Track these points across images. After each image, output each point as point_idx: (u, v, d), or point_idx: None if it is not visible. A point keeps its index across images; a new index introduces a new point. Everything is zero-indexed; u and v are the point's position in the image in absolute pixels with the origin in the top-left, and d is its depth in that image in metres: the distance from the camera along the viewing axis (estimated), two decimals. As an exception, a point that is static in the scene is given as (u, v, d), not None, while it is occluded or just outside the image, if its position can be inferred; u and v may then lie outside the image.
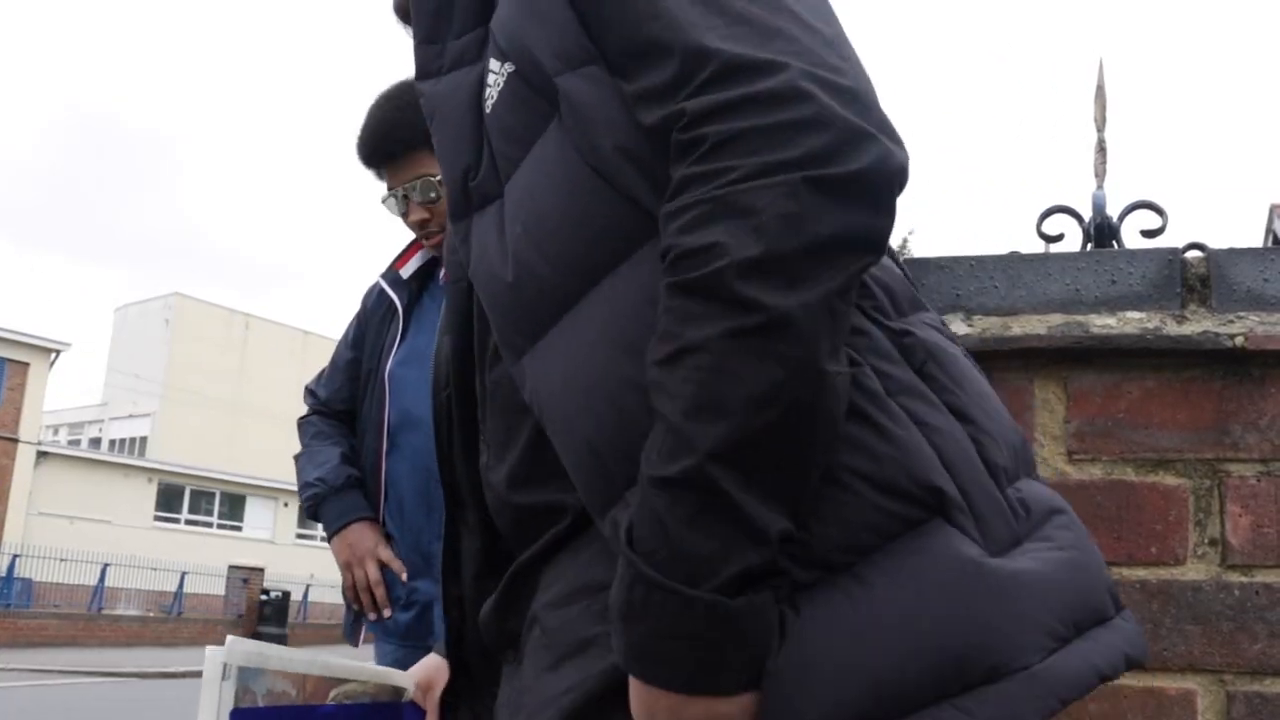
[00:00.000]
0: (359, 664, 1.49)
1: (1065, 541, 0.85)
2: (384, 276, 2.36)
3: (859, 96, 0.79)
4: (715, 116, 0.78)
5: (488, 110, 0.96)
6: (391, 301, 2.32)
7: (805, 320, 0.76)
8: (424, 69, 1.05)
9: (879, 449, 0.80)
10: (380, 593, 2.18)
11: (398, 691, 1.42)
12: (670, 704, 0.78)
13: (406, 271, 2.33)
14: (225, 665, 1.36)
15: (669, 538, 0.75)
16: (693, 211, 0.78)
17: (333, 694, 1.45)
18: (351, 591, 2.22)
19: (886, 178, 0.79)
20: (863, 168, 0.77)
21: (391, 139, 2.14)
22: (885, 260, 0.92)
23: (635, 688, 0.79)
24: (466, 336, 1.07)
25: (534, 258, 0.91)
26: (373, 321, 2.36)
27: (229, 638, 1.44)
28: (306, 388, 2.45)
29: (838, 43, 0.83)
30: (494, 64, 0.96)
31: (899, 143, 0.81)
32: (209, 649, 1.41)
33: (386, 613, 2.19)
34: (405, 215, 2.16)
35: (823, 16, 0.85)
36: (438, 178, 2.06)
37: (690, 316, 0.77)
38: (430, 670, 1.38)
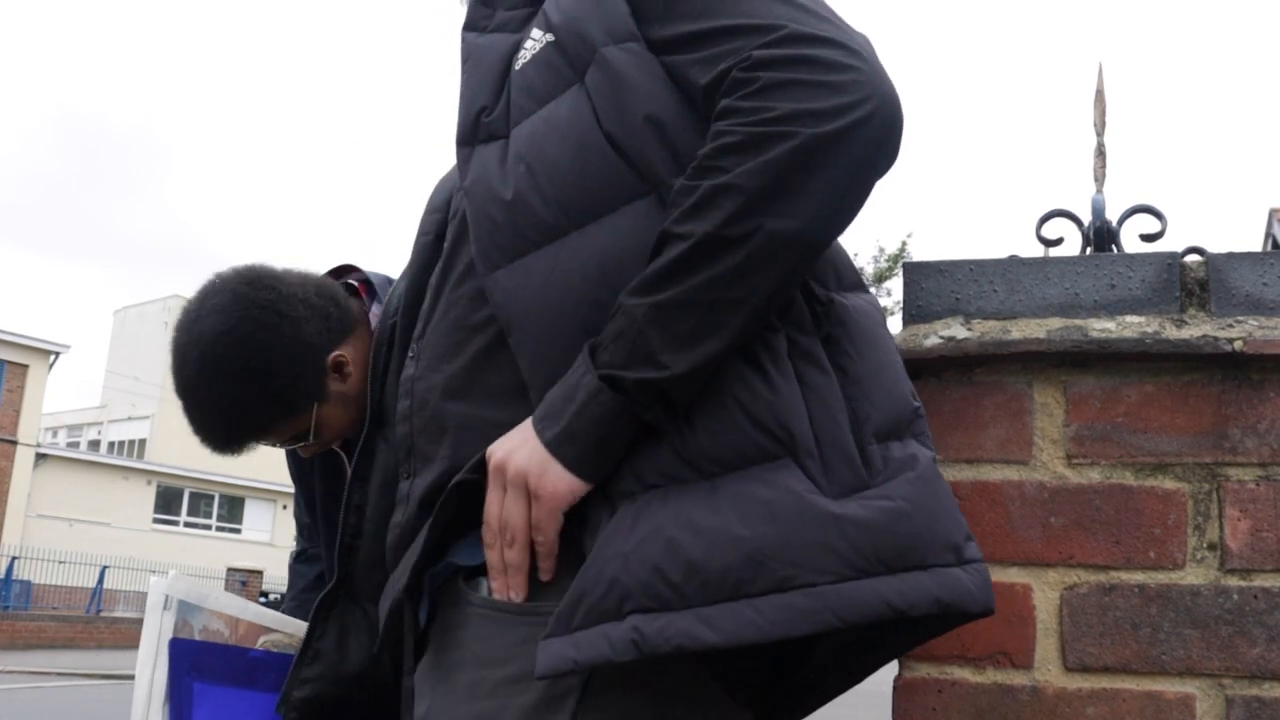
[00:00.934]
0: (286, 618, 1.55)
1: (900, 494, 0.99)
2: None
3: (879, 70, 1.01)
4: (774, 65, 0.99)
5: (517, 68, 1.14)
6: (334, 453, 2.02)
7: (764, 243, 0.97)
8: (472, 22, 1.23)
9: (760, 391, 0.99)
10: None
11: None
12: (536, 447, 1.01)
13: None
14: (167, 596, 1.44)
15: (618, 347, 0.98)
16: (725, 138, 0.99)
17: (261, 640, 1.52)
18: None
19: (885, 137, 1.00)
20: (871, 128, 0.98)
21: (234, 442, 1.73)
22: (840, 244, 1.11)
23: (527, 428, 1.02)
24: (421, 280, 1.24)
25: (532, 192, 1.08)
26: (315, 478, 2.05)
27: (171, 572, 1.49)
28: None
29: (847, 21, 1.06)
30: (535, 33, 1.14)
31: (899, 107, 1.01)
32: (153, 578, 1.48)
33: None
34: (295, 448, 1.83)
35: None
36: (310, 431, 1.72)
37: (692, 212, 0.98)
38: None
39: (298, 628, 1.55)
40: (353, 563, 1.29)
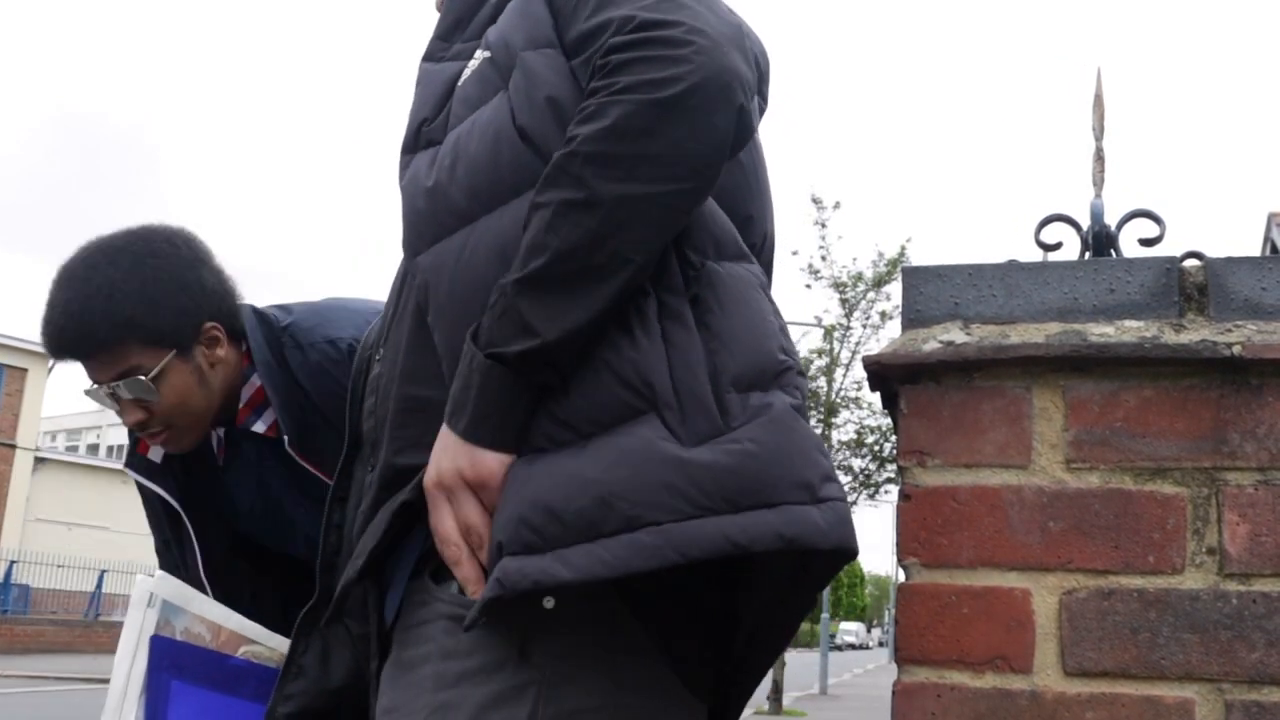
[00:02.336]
0: (269, 632, 1.56)
1: (749, 437, 1.05)
2: (132, 466, 1.91)
3: (720, 44, 1.10)
4: (622, 48, 1.10)
5: (459, 84, 1.26)
6: (161, 501, 1.91)
7: (615, 207, 1.05)
8: (430, 54, 1.34)
9: (626, 351, 1.07)
10: None
11: None
12: (455, 444, 1.09)
13: (157, 454, 1.90)
14: (152, 594, 1.45)
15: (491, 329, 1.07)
16: (580, 114, 1.09)
17: (242, 650, 1.53)
18: None
19: (717, 102, 1.08)
20: (703, 94, 1.07)
21: (83, 333, 1.69)
22: (722, 215, 1.19)
23: (443, 435, 1.10)
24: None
25: (450, 183, 1.19)
26: (162, 526, 1.98)
27: (158, 572, 1.51)
28: None
29: (717, 7, 1.16)
30: (478, 53, 1.26)
31: (735, 79, 1.10)
32: (139, 576, 1.50)
33: None
34: (119, 413, 1.79)
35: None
36: (152, 373, 1.72)
37: (548, 182, 1.08)
38: None
39: (279, 642, 1.56)
40: (333, 580, 1.31)
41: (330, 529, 1.34)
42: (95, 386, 1.76)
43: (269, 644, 1.57)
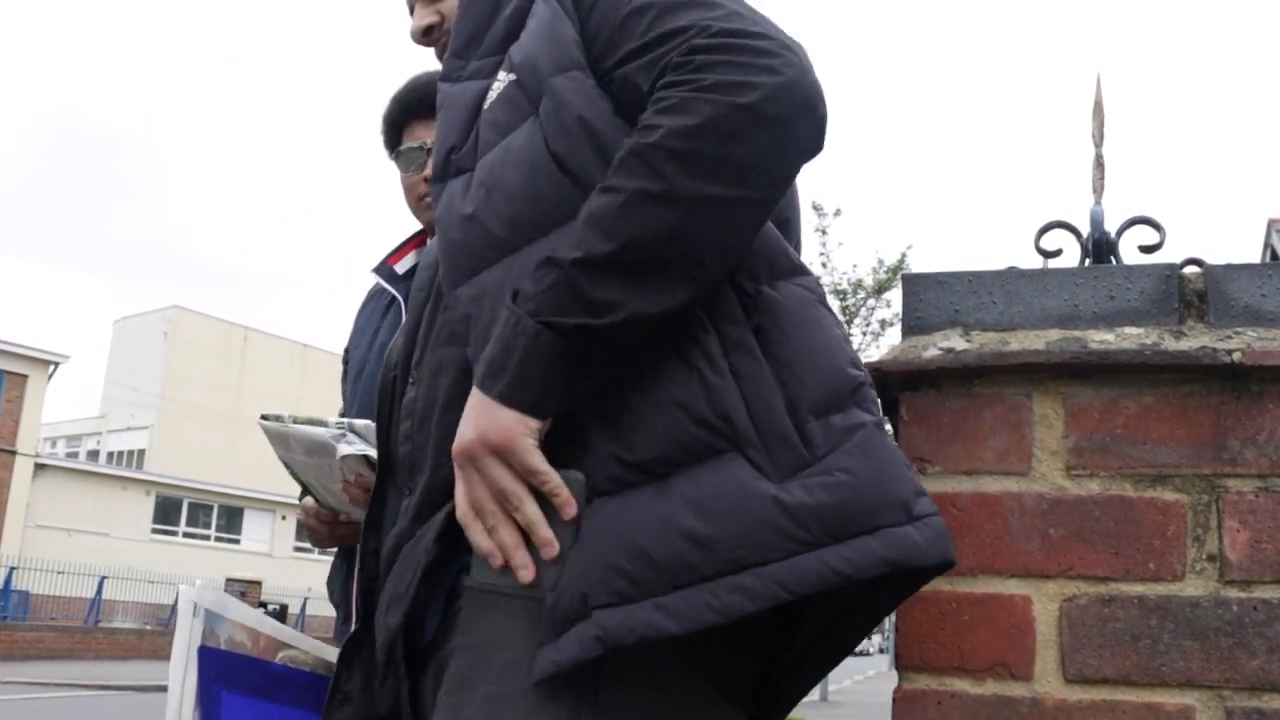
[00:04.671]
0: (299, 634, 1.57)
1: (840, 466, 1.04)
2: (379, 271, 2.31)
3: (804, 57, 1.10)
4: (708, 49, 1.07)
5: (485, 108, 1.23)
6: (393, 297, 2.25)
7: (695, 206, 1.04)
8: (447, 74, 1.32)
9: (697, 389, 1.05)
10: None
11: (330, 667, 1.53)
12: (488, 408, 1.06)
13: (402, 268, 2.27)
14: (195, 604, 1.46)
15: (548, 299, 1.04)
16: (660, 102, 1.07)
17: (279, 655, 1.54)
18: None
19: (804, 113, 1.07)
20: (790, 103, 1.06)
21: (434, 97, 2.03)
22: (773, 231, 1.17)
23: (474, 401, 1.07)
24: (415, 335, 1.31)
25: (488, 212, 1.16)
26: (367, 312, 2.31)
27: (197, 581, 1.52)
28: None
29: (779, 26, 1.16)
30: (501, 74, 1.23)
31: (820, 93, 1.10)
32: (182, 587, 1.51)
33: None
34: (420, 169, 2.10)
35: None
36: None
37: (624, 169, 1.06)
38: None
39: (312, 645, 1.57)
40: (373, 605, 1.31)
41: (367, 555, 1.32)
42: (408, 148, 2.10)
43: (303, 647, 1.58)
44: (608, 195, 1.06)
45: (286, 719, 1.48)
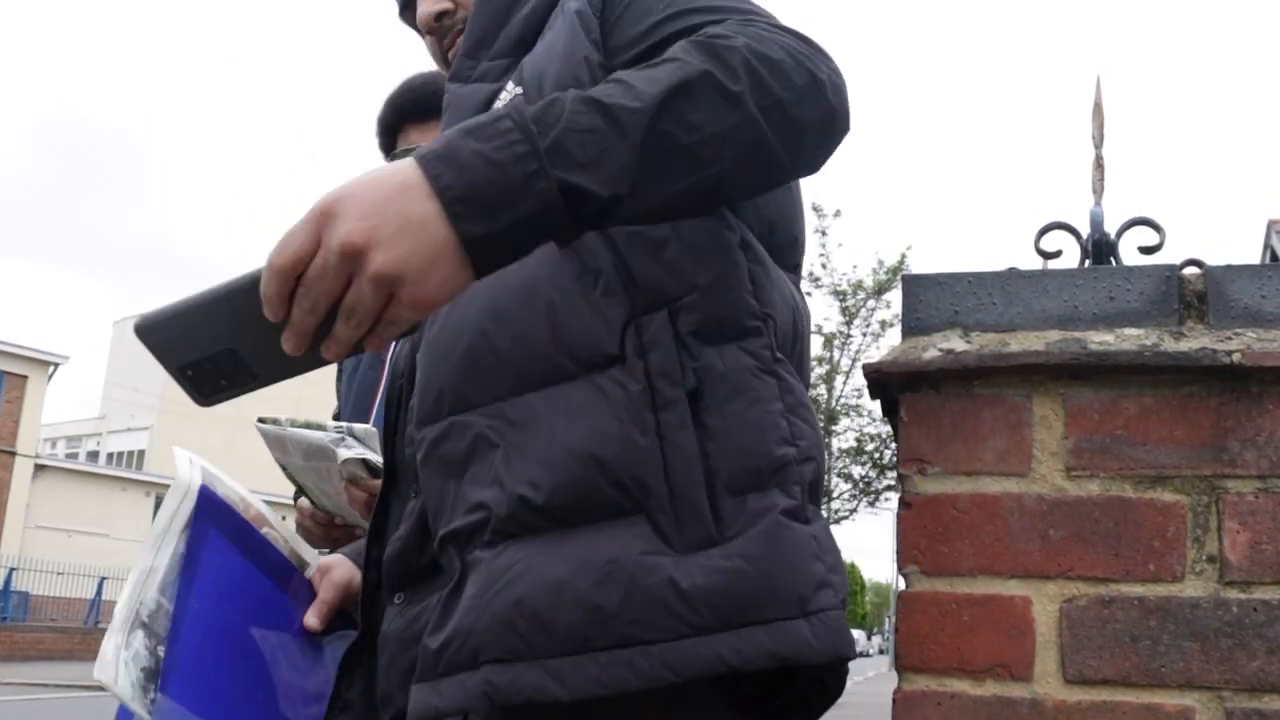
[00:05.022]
0: (281, 521, 1.60)
1: (741, 552, 1.03)
2: None
3: (844, 79, 1.11)
4: (776, 27, 1.07)
5: None
6: None
7: (745, 123, 0.99)
8: (456, 74, 1.30)
9: (619, 449, 1.04)
10: None
11: (301, 562, 1.56)
12: (433, 239, 0.90)
13: None
14: (192, 459, 1.48)
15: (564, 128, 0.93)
16: (733, 24, 1.05)
17: (264, 529, 1.57)
18: None
19: (845, 106, 1.09)
20: (839, 91, 1.08)
21: (430, 100, 2.03)
22: (731, 295, 1.13)
23: (425, 203, 0.90)
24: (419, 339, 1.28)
25: None
26: None
27: (185, 451, 1.55)
28: None
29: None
30: (510, 85, 1.22)
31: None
32: (176, 449, 1.53)
33: None
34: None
35: None
36: None
37: (702, 49, 1.00)
38: (336, 561, 1.58)
39: (290, 536, 1.61)
40: (376, 615, 1.31)
41: (370, 564, 1.32)
42: (402, 150, 2.03)
43: (283, 533, 1.61)
44: (669, 65, 0.99)
45: (256, 581, 1.50)
